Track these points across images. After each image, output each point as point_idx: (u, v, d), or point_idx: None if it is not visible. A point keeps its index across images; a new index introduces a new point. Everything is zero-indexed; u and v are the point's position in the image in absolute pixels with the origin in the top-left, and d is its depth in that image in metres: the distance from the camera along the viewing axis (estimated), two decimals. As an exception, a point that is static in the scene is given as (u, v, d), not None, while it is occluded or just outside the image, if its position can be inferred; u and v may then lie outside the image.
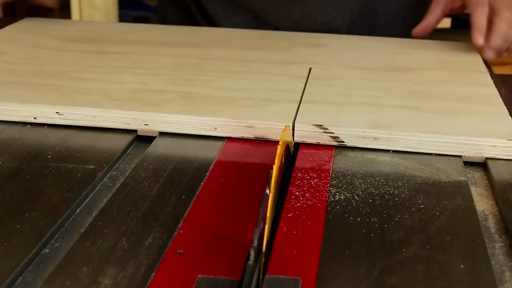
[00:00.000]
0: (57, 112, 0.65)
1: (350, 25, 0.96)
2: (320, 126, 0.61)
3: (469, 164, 0.61)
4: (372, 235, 0.48)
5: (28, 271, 0.44)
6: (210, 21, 1.00)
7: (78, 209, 0.52)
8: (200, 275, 0.42)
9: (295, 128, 0.62)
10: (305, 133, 0.62)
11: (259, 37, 0.91)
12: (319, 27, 0.95)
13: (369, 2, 0.97)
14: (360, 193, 0.53)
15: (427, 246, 0.46)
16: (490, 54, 0.83)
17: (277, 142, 0.54)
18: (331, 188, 0.54)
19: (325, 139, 0.61)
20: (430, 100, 0.69)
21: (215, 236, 0.47)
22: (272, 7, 0.96)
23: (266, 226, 0.43)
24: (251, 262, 0.40)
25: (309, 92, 0.70)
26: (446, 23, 2.02)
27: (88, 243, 0.46)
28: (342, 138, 0.61)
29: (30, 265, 0.44)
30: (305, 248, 0.46)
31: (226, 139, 0.63)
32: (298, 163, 0.58)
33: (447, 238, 0.47)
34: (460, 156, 0.60)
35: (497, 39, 0.83)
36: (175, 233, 0.47)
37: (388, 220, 0.50)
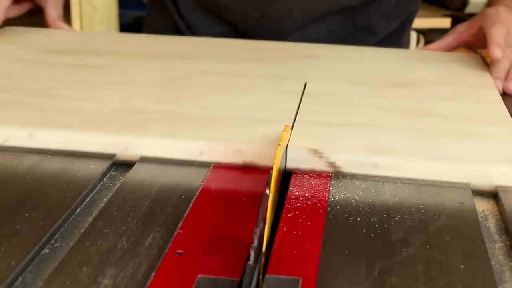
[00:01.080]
0: (29, 134, 0.59)
1: (327, 41, 0.95)
2: (315, 151, 0.56)
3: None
4: (372, 235, 0.48)
5: (28, 271, 0.44)
6: (193, 32, 0.99)
7: (78, 209, 0.51)
8: (200, 275, 0.42)
9: (287, 154, 0.56)
10: (299, 158, 0.56)
11: (251, 48, 0.86)
12: (298, 40, 0.94)
13: (347, 20, 0.96)
14: (360, 193, 0.53)
15: (427, 246, 0.46)
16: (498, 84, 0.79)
17: (268, 168, 0.50)
18: (331, 188, 0.54)
19: (320, 165, 0.56)
20: (435, 119, 0.64)
21: (215, 236, 0.47)
22: (251, 26, 0.95)
23: (266, 226, 0.43)
24: (251, 262, 0.40)
25: (304, 111, 0.65)
26: (446, 23, 2.03)
27: (88, 243, 0.46)
28: (339, 164, 0.56)
29: (30, 265, 0.44)
30: (305, 248, 0.46)
31: (212, 165, 0.57)
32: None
33: (447, 238, 0.47)
34: (469, 186, 0.55)
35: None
36: (175, 233, 0.47)
37: (388, 220, 0.50)
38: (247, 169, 0.57)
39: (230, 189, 0.54)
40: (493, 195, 0.55)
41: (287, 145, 0.56)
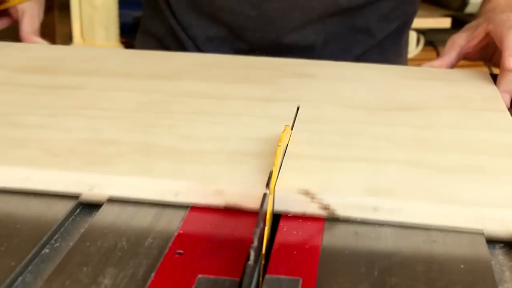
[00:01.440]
0: None
1: (325, 41, 0.95)
2: (306, 192, 0.49)
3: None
4: (372, 235, 0.47)
5: (28, 271, 0.44)
6: (188, 34, 0.99)
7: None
8: (200, 275, 0.42)
9: (275, 195, 0.49)
10: (288, 200, 0.49)
11: (240, 65, 0.79)
12: (294, 45, 0.94)
13: (345, 21, 0.95)
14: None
15: (427, 246, 0.46)
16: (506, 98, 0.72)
17: (253, 212, 0.46)
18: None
19: (312, 208, 0.49)
20: (442, 152, 0.57)
21: (215, 236, 0.47)
22: (247, 26, 0.94)
23: (266, 228, 0.43)
24: (251, 262, 0.40)
25: (295, 141, 0.58)
26: (446, 23, 2.02)
27: (88, 243, 0.46)
28: (333, 208, 0.49)
29: (30, 265, 0.44)
30: (305, 248, 0.46)
31: (190, 207, 0.51)
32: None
33: (448, 238, 0.47)
34: (482, 233, 0.48)
35: None
36: (175, 233, 0.47)
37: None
38: (230, 212, 0.50)
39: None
40: (510, 243, 0.49)
41: (275, 185, 0.49)
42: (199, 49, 0.97)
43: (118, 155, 0.55)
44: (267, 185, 0.46)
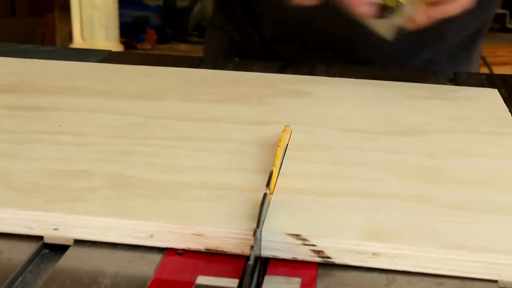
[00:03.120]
0: None
1: (395, 41, 0.92)
2: (297, 236, 0.44)
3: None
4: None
5: (28, 271, 0.44)
6: (257, 31, 0.96)
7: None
8: (200, 275, 0.42)
9: (262, 238, 0.44)
10: (277, 244, 0.44)
11: (229, 81, 0.73)
12: (361, 41, 0.89)
13: None
14: None
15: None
16: None
17: (236, 256, 0.44)
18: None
19: (304, 254, 0.44)
20: (449, 184, 0.51)
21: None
22: (316, 15, 0.88)
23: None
24: (251, 262, 0.40)
25: (286, 174, 0.52)
26: (446, 23, 2.02)
27: (88, 243, 0.46)
28: (328, 253, 0.44)
29: (30, 265, 0.44)
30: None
31: (166, 251, 0.45)
32: None
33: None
34: (496, 281, 0.43)
35: None
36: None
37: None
38: (211, 256, 0.45)
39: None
40: None
41: (261, 227, 0.44)
42: (267, 45, 0.94)
43: (87, 190, 0.49)
44: (267, 185, 0.46)
